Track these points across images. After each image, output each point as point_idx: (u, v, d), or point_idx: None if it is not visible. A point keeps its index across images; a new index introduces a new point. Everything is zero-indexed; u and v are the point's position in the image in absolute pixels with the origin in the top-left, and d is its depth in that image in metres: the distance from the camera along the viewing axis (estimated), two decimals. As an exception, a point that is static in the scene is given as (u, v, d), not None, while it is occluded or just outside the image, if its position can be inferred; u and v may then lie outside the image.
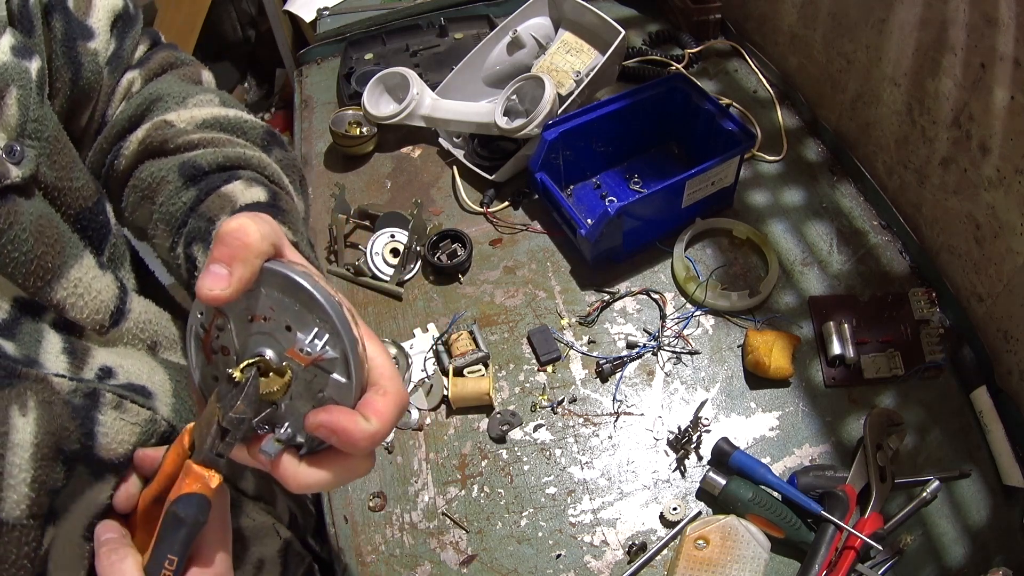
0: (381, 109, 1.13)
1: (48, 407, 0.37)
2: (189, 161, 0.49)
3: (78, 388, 0.39)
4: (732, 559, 0.70)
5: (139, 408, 0.43)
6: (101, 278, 0.46)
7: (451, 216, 1.06)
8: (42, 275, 0.41)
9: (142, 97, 0.54)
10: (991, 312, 0.82)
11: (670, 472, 0.80)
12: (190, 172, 0.49)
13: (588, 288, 0.95)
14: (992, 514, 0.74)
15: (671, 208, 0.95)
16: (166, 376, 0.48)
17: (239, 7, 2.55)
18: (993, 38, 0.72)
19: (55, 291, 0.42)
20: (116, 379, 0.43)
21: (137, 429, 0.43)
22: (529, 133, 1.00)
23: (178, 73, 0.58)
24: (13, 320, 0.40)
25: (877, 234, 0.98)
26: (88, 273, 0.44)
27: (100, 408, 0.40)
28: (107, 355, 0.44)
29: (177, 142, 0.51)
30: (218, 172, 0.50)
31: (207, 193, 0.48)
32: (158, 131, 0.51)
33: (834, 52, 1.04)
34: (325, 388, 0.38)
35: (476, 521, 0.77)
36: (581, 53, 1.10)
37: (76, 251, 0.44)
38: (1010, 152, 0.74)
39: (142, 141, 0.52)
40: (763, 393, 0.85)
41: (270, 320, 0.39)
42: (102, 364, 0.43)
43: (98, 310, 0.45)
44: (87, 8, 0.51)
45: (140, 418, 0.43)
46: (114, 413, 0.41)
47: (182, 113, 0.53)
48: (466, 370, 0.87)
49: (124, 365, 0.45)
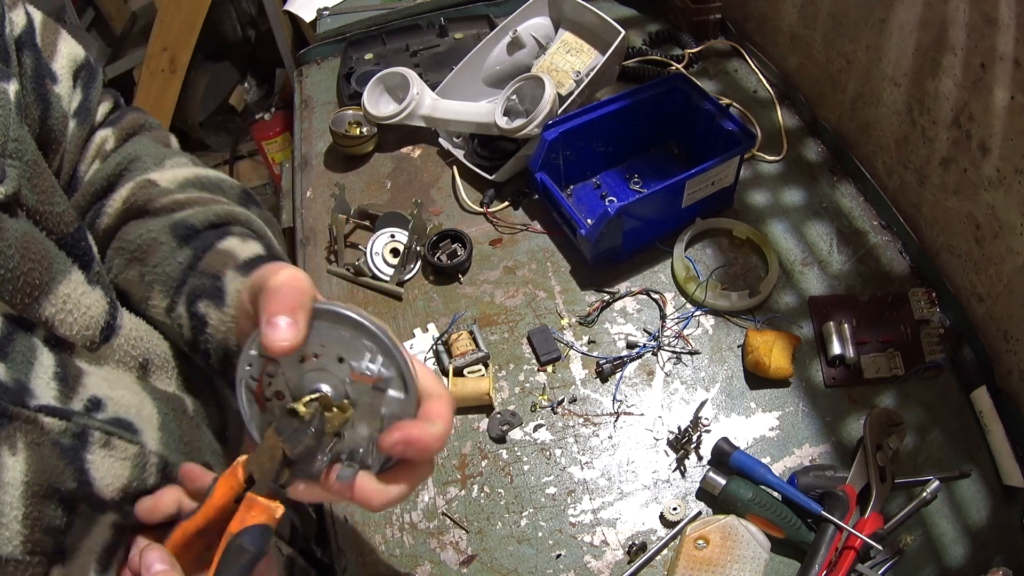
0: (381, 109, 1.13)
1: (37, 448, 0.37)
2: (180, 222, 0.50)
3: (67, 428, 0.39)
4: (732, 559, 0.70)
5: (127, 444, 0.43)
6: (90, 294, 0.45)
7: (451, 216, 1.06)
8: (29, 291, 0.41)
9: (120, 156, 0.54)
10: (991, 312, 0.82)
11: (670, 472, 0.80)
12: (183, 232, 0.49)
13: (588, 288, 0.95)
14: (992, 514, 0.74)
15: (671, 208, 0.95)
16: (154, 409, 0.47)
17: (239, 7, 2.55)
18: (993, 38, 0.72)
19: (43, 308, 0.42)
20: (105, 412, 0.43)
21: (128, 464, 0.43)
22: (529, 133, 1.00)
23: (150, 135, 0.59)
24: (5, 337, 0.39)
25: (877, 234, 0.98)
26: (77, 289, 0.44)
27: (88, 448, 0.40)
28: (98, 382, 0.44)
29: (162, 202, 0.51)
30: (210, 230, 0.50)
31: (204, 251, 0.49)
32: (143, 190, 0.52)
33: (834, 52, 1.04)
34: (383, 407, 0.40)
35: (476, 521, 0.77)
36: (581, 53, 1.10)
37: (64, 267, 0.44)
38: (1010, 152, 0.74)
39: (126, 200, 0.52)
40: (763, 393, 0.85)
41: (321, 357, 0.40)
42: (92, 395, 0.43)
43: (88, 326, 0.45)
44: (52, 53, 0.51)
45: (129, 453, 0.43)
46: (103, 451, 0.41)
47: (164, 173, 0.53)
48: (466, 370, 0.87)
49: (113, 396, 0.44)
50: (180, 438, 0.49)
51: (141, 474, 0.43)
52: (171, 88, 2.38)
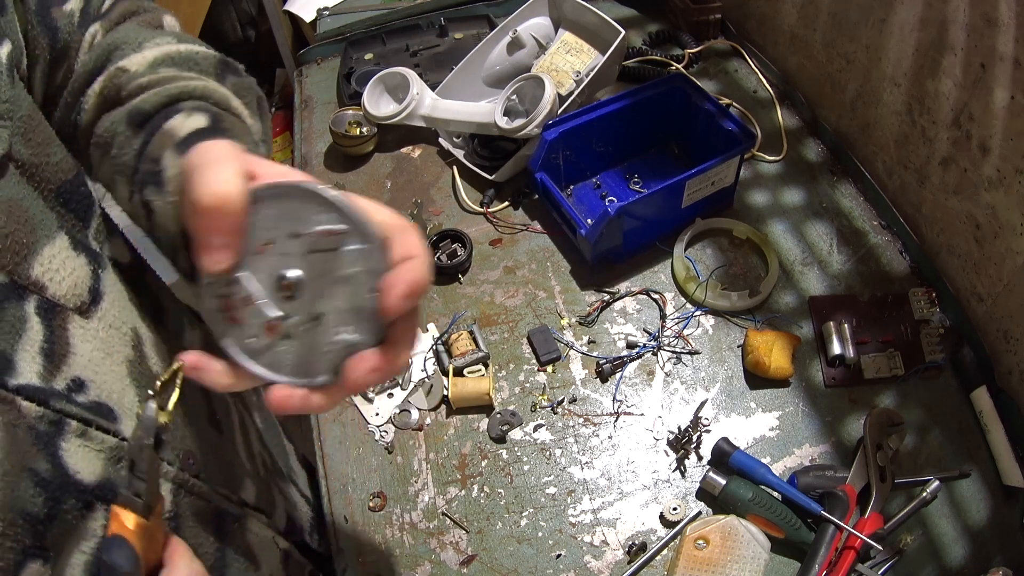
0: (381, 109, 1.13)
1: (12, 430, 0.37)
2: (135, 108, 0.49)
3: (44, 415, 0.39)
4: (732, 559, 0.70)
5: (104, 435, 0.42)
6: (75, 259, 0.45)
7: (451, 216, 1.06)
8: (17, 251, 0.40)
9: (101, 48, 0.53)
10: (991, 312, 0.82)
11: (670, 472, 0.80)
12: (136, 119, 0.48)
13: (588, 288, 0.95)
14: (992, 514, 0.74)
15: (671, 208, 0.95)
16: (136, 397, 0.47)
17: (239, 7, 2.55)
18: (993, 38, 0.72)
19: (32, 268, 0.41)
20: (86, 394, 0.43)
21: (103, 456, 0.42)
22: (529, 133, 1.00)
23: (138, 20, 0.57)
24: None
25: (877, 234, 0.98)
26: (61, 253, 0.44)
27: (64, 436, 0.40)
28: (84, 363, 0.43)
29: (129, 88, 0.50)
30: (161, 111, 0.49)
31: (151, 134, 0.48)
32: (114, 80, 0.51)
33: (834, 52, 1.04)
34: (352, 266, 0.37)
35: (476, 521, 0.77)
36: (581, 53, 1.10)
37: (49, 232, 0.43)
38: (1010, 152, 0.74)
39: (99, 93, 0.51)
40: (763, 393, 0.85)
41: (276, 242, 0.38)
42: (75, 375, 0.43)
43: (76, 284, 0.44)
44: None
45: (105, 445, 0.42)
46: (78, 441, 0.41)
47: (136, 57, 0.52)
48: (466, 370, 0.87)
49: (97, 379, 0.44)
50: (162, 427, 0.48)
51: (116, 466, 0.43)
52: (171, 88, 2.37)
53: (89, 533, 0.41)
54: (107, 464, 0.42)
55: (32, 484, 0.37)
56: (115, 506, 0.38)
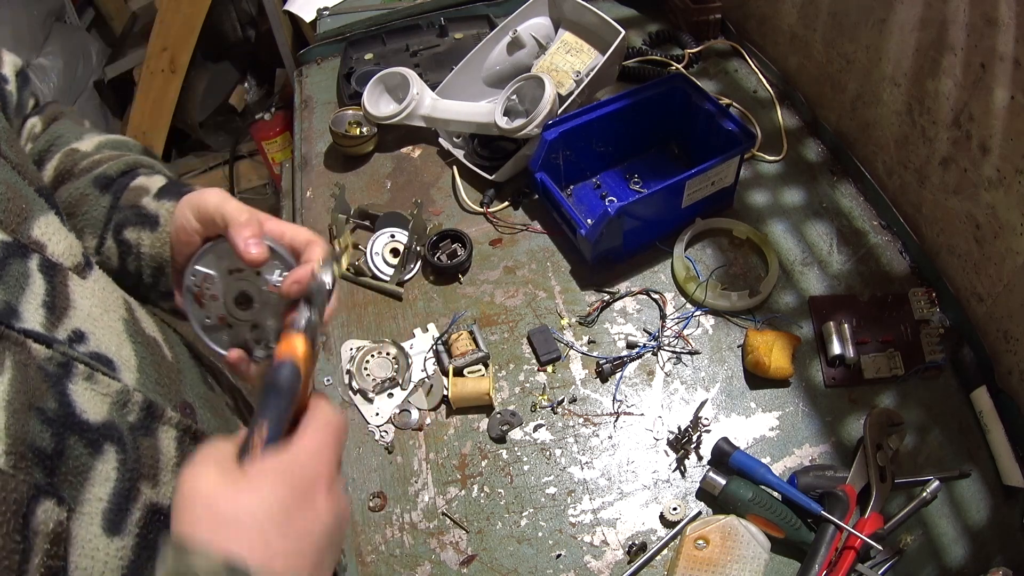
0: (381, 109, 1.13)
1: (23, 369, 0.40)
2: (100, 175, 0.59)
3: (53, 356, 0.42)
4: (732, 559, 0.70)
5: (109, 380, 0.45)
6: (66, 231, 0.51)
7: (451, 216, 1.06)
8: (18, 214, 0.46)
9: (48, 136, 0.64)
10: (991, 312, 0.82)
11: (670, 472, 0.80)
12: (103, 182, 0.59)
13: (588, 288, 0.95)
14: (992, 514, 0.74)
15: (671, 208, 0.95)
16: (132, 352, 0.51)
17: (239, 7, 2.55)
18: (993, 38, 0.72)
19: (32, 229, 0.47)
20: (86, 345, 0.46)
21: (108, 400, 0.45)
22: (529, 133, 1.00)
23: (68, 119, 0.68)
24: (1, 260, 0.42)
25: (877, 234, 0.98)
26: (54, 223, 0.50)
27: (72, 378, 0.43)
28: (83, 317, 0.47)
29: (83, 164, 0.61)
30: (123, 176, 0.60)
31: (121, 191, 0.59)
32: (68, 157, 0.61)
33: (834, 52, 1.04)
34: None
35: (476, 521, 0.77)
36: (581, 53, 1.10)
37: (42, 207, 0.49)
38: (1010, 152, 0.74)
39: (56, 168, 0.61)
40: (763, 393, 0.85)
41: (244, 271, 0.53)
42: (76, 327, 0.46)
43: (71, 247, 0.50)
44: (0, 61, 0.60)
45: (111, 389, 0.45)
46: (85, 384, 0.43)
47: (82, 142, 0.64)
48: (466, 370, 0.87)
49: (96, 332, 0.48)
50: (158, 380, 0.52)
51: (122, 410, 0.45)
52: (171, 88, 2.37)
53: (102, 477, 0.43)
54: (112, 407, 0.45)
55: (39, 421, 0.40)
56: (290, 332, 0.44)
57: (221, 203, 0.52)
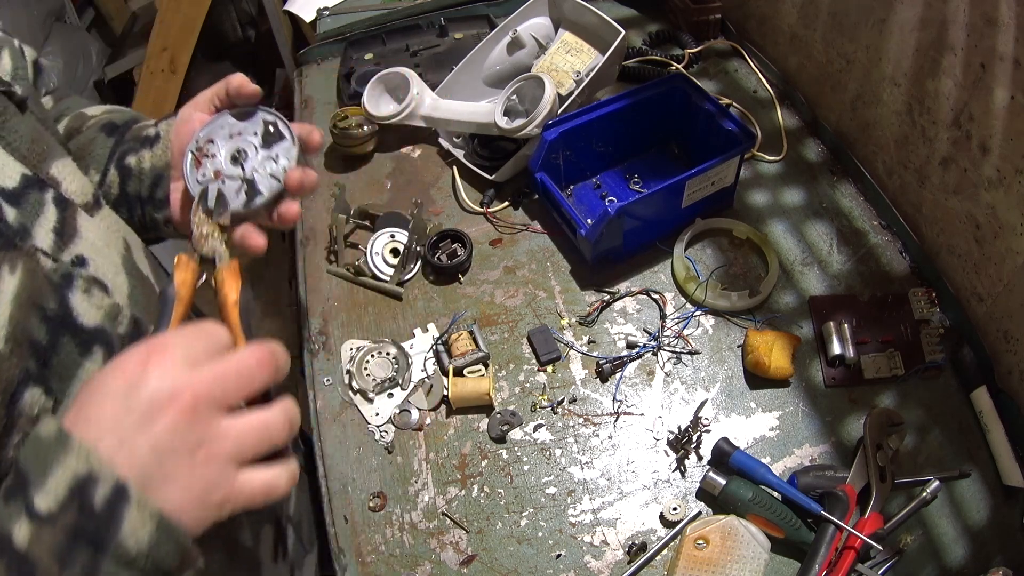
0: (381, 109, 1.13)
1: (32, 275, 0.44)
2: (107, 122, 0.67)
3: (58, 268, 0.47)
4: (732, 559, 0.70)
5: (104, 296, 0.50)
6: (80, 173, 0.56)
7: (451, 216, 1.06)
8: (40, 152, 0.52)
9: (58, 107, 0.70)
10: (991, 312, 0.82)
11: (670, 472, 0.80)
12: (109, 128, 0.66)
13: (588, 288, 0.95)
14: (992, 514, 0.74)
15: (671, 208, 0.95)
16: (126, 280, 0.55)
17: (239, 7, 2.55)
18: (993, 38, 0.72)
19: (50, 167, 0.52)
20: (87, 269, 0.51)
21: (101, 313, 0.49)
22: (529, 133, 1.00)
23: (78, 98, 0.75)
24: (21, 189, 0.48)
25: (877, 234, 0.98)
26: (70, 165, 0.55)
27: (72, 289, 0.48)
28: (86, 246, 0.52)
29: (91, 122, 0.68)
30: (127, 124, 0.67)
31: (125, 132, 0.66)
32: (77, 118, 0.68)
33: (834, 52, 1.04)
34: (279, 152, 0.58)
35: (476, 521, 0.77)
36: (581, 53, 1.10)
37: (60, 151, 0.55)
38: (1010, 152, 0.74)
39: (66, 127, 0.67)
40: (763, 393, 0.85)
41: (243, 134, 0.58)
42: (79, 253, 0.51)
43: (83, 187, 0.55)
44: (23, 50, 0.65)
45: (104, 303, 0.50)
46: (84, 296, 0.48)
47: (90, 109, 0.70)
48: (466, 370, 0.87)
49: (96, 260, 0.52)
50: (145, 307, 0.55)
51: (113, 322, 0.50)
52: (171, 88, 2.37)
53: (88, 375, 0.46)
54: (105, 317, 0.50)
55: (39, 319, 0.44)
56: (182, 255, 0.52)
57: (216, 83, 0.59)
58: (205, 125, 0.59)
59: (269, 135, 0.58)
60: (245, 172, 0.58)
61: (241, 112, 0.59)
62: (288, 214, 0.58)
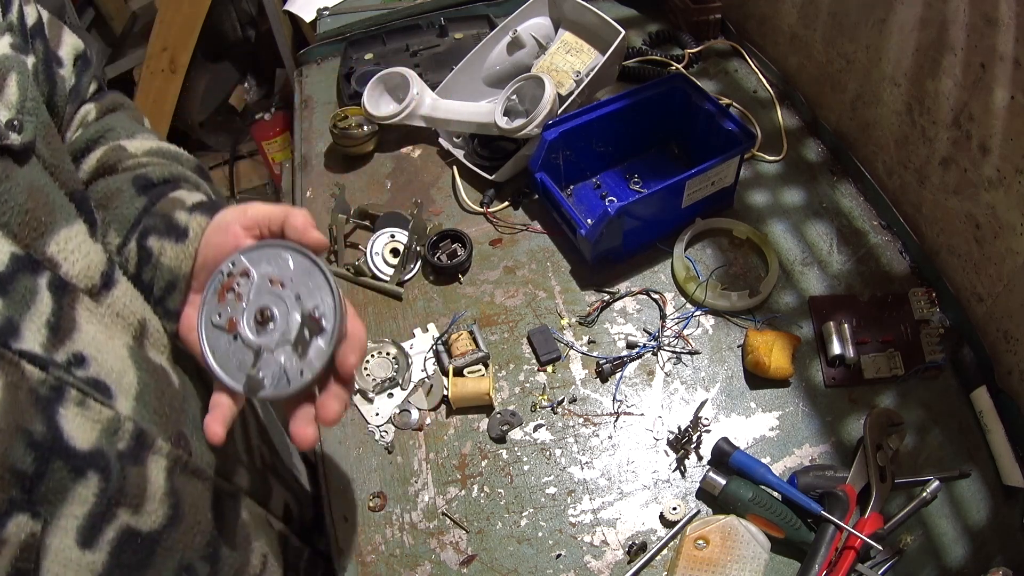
0: (381, 109, 1.13)
1: (14, 390, 0.39)
2: (141, 175, 0.58)
3: (46, 380, 0.41)
4: (732, 559, 0.70)
5: (101, 407, 0.44)
6: (91, 244, 0.49)
7: (451, 216, 1.06)
8: (36, 227, 0.44)
9: (99, 126, 0.61)
10: (991, 312, 0.82)
11: (670, 472, 0.80)
12: (142, 183, 0.57)
13: (588, 288, 0.95)
14: (992, 514, 0.74)
15: (671, 208, 0.95)
16: (135, 378, 0.49)
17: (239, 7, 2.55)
18: (993, 38, 0.72)
19: (48, 245, 0.45)
20: (85, 370, 0.45)
21: (99, 427, 0.44)
22: (529, 133, 1.00)
23: (126, 112, 0.66)
24: (9, 274, 0.41)
25: (877, 234, 0.98)
26: (79, 235, 0.48)
27: (63, 403, 0.42)
28: (88, 340, 0.46)
29: (128, 163, 0.59)
30: (165, 184, 0.59)
31: (158, 198, 0.57)
32: (113, 152, 0.59)
33: (834, 52, 1.04)
34: (309, 348, 0.50)
35: (476, 521, 0.77)
36: (581, 53, 1.10)
37: (67, 217, 0.47)
38: (1010, 152, 0.74)
39: (99, 160, 0.59)
40: (763, 393, 0.85)
41: (286, 287, 0.50)
42: (77, 351, 0.45)
43: (90, 267, 0.48)
44: (58, 43, 0.58)
45: (102, 416, 0.44)
46: (77, 409, 0.43)
47: (133, 142, 0.61)
48: (466, 370, 0.87)
49: (99, 357, 0.46)
50: (157, 410, 0.50)
51: (112, 438, 0.45)
52: (171, 88, 2.37)
53: (80, 499, 0.42)
54: (102, 434, 0.44)
55: (24, 444, 0.39)
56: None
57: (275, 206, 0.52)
58: (246, 250, 0.51)
59: (310, 322, 0.49)
60: (257, 343, 0.50)
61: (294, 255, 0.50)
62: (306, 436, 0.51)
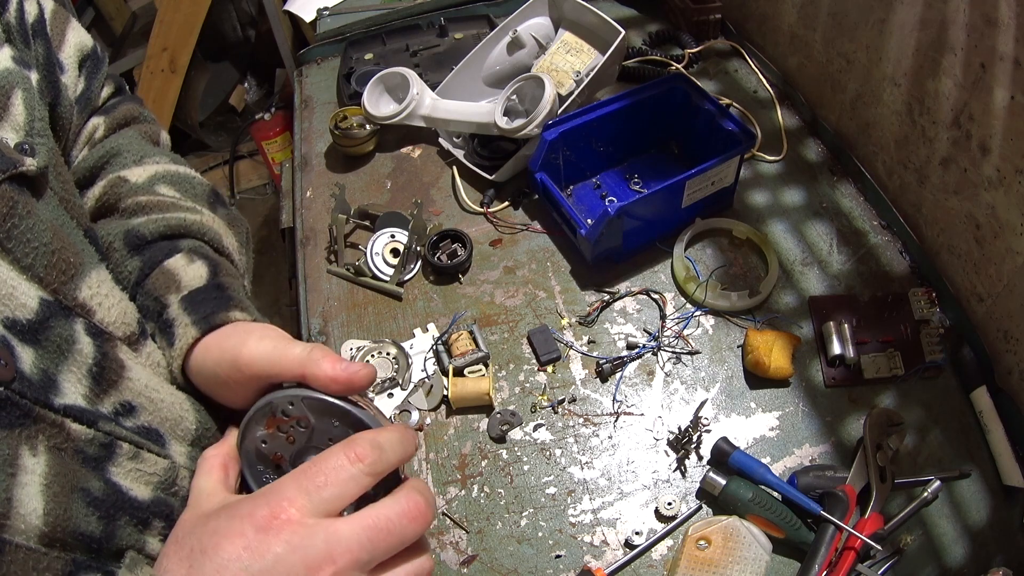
0: (381, 109, 1.13)
1: (58, 453, 0.35)
2: (133, 230, 0.50)
3: (95, 438, 0.38)
4: (733, 560, 0.70)
5: (156, 458, 0.41)
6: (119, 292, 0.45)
7: (451, 216, 1.06)
8: (64, 269, 0.39)
9: (103, 149, 0.55)
10: (991, 312, 0.82)
11: (670, 472, 0.80)
12: (134, 242, 0.50)
13: (588, 288, 0.95)
14: (992, 514, 0.74)
15: (671, 208, 0.95)
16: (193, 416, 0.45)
17: (239, 7, 2.55)
18: (993, 38, 0.72)
19: (79, 290, 0.40)
20: (136, 418, 0.41)
21: (155, 479, 0.41)
22: (529, 133, 1.00)
23: (139, 129, 0.59)
24: (41, 322, 0.36)
25: (877, 234, 0.98)
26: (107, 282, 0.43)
27: (115, 460, 0.39)
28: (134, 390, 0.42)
29: (127, 203, 0.52)
30: (161, 241, 0.51)
31: (151, 267, 0.50)
32: (114, 188, 0.53)
33: (834, 52, 1.04)
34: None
35: (476, 521, 0.77)
36: (581, 53, 1.10)
37: (93, 260, 0.43)
38: (1010, 152, 0.74)
39: (99, 199, 0.53)
40: (763, 393, 0.85)
41: (332, 439, 0.44)
42: (125, 400, 0.41)
43: (125, 314, 0.44)
44: (61, 42, 0.52)
45: (158, 467, 0.42)
46: (130, 464, 0.40)
47: (136, 169, 0.54)
48: (466, 370, 0.87)
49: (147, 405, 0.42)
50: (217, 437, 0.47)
51: (170, 489, 0.42)
52: (171, 88, 2.38)
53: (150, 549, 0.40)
54: (158, 487, 0.41)
55: (85, 504, 0.36)
56: None
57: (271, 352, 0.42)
58: (306, 397, 0.44)
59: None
60: None
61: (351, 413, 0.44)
62: None
